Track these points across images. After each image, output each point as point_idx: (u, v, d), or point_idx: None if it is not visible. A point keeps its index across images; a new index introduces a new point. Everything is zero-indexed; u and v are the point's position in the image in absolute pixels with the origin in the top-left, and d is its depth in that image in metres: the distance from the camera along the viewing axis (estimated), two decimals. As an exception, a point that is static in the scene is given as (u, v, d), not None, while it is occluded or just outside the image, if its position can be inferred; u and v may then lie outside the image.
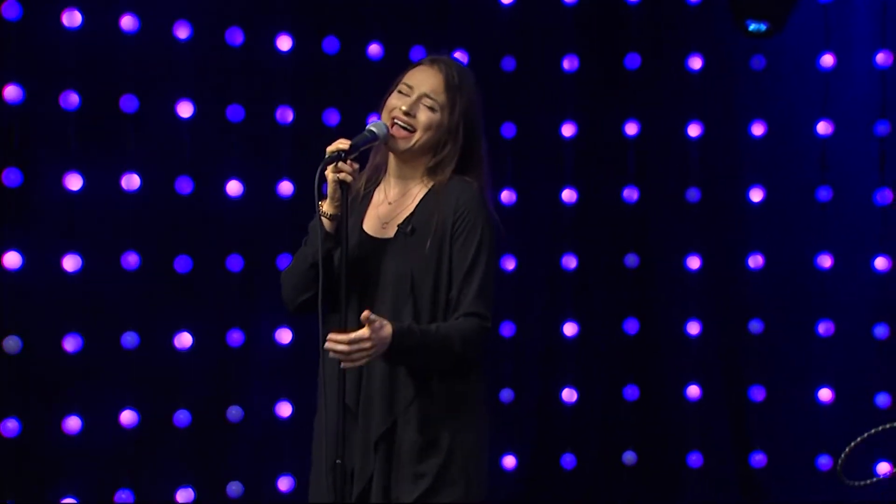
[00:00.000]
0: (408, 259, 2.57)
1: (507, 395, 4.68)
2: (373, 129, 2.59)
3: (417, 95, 2.61)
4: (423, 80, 2.62)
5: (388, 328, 2.44)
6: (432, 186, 2.63)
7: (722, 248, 4.79)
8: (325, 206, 2.57)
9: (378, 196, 2.71)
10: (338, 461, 2.48)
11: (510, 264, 4.70)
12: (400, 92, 2.62)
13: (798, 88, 4.72)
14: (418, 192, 2.66)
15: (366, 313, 2.41)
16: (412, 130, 2.61)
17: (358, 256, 2.59)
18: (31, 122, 4.24)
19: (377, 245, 2.63)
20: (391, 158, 2.68)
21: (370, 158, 2.71)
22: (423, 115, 2.61)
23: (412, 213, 2.63)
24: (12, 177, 4.19)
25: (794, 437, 4.67)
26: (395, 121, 2.60)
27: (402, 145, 2.62)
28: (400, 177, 2.69)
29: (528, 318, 4.73)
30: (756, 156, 4.73)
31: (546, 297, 4.76)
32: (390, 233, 2.62)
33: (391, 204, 2.67)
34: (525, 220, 4.61)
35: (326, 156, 2.50)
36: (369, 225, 2.67)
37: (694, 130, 4.74)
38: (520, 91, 4.72)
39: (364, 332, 2.41)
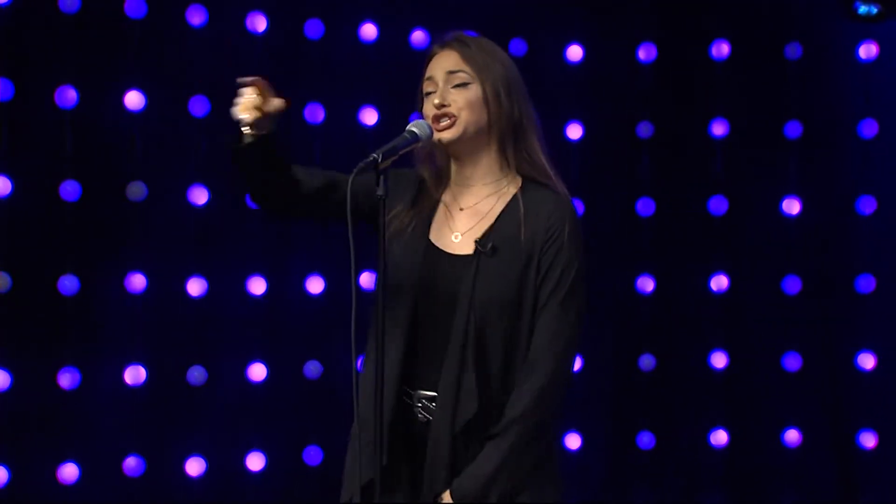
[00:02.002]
0: (486, 282, 2.36)
1: (573, 439, 4.35)
2: (414, 129, 2.37)
3: (442, 80, 2.43)
4: (439, 65, 2.45)
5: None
6: (514, 194, 2.44)
7: (825, 268, 4.46)
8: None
9: (447, 202, 2.50)
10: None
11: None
12: (427, 93, 2.46)
13: (915, 81, 4.38)
14: (496, 200, 2.46)
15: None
16: (454, 117, 2.40)
17: (425, 273, 2.40)
18: (22, 122, 3.98)
19: (450, 261, 2.41)
20: (452, 163, 2.51)
21: (430, 160, 2.51)
22: (458, 95, 2.41)
23: (491, 227, 2.42)
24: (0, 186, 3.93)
25: (912, 490, 4.39)
26: (436, 122, 2.42)
27: (451, 136, 2.41)
28: (467, 180, 2.49)
29: (598, 350, 4.40)
30: (865, 160, 4.38)
31: (618, 326, 4.45)
32: (465, 248, 2.41)
33: (463, 210, 2.46)
34: (594, 234, 4.23)
35: (357, 168, 2.22)
36: (438, 235, 2.46)
37: (792, 130, 4.41)
38: (588, 85, 4.41)
39: None
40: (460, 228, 2.43)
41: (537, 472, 2.35)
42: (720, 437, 4.36)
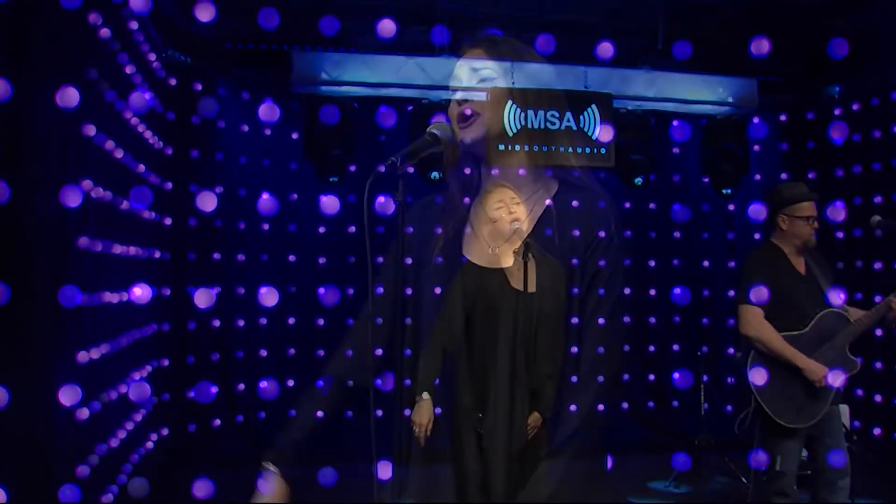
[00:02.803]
0: (531, 294, 2.29)
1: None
2: (434, 131, 2.31)
3: (467, 78, 2.37)
4: (463, 65, 2.40)
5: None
6: (550, 199, 2.36)
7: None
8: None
9: (478, 216, 2.41)
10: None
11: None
12: (453, 94, 2.40)
13: None
14: (532, 206, 2.37)
15: None
16: (476, 115, 2.31)
17: (466, 292, 2.32)
18: (22, 123, 3.84)
19: (490, 276, 2.33)
20: (482, 169, 2.42)
21: (458, 169, 2.41)
22: (481, 92, 2.33)
23: (530, 236, 2.35)
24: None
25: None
26: (459, 121, 2.34)
27: (474, 134, 2.33)
28: (500, 188, 2.39)
29: (631, 366, 4.07)
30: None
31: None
32: (504, 261, 2.34)
33: (496, 222, 2.38)
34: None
35: (374, 173, 2.16)
36: (472, 250, 2.38)
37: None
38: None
39: None
40: (496, 240, 2.35)
41: (588, 488, 2.29)
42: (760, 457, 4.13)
